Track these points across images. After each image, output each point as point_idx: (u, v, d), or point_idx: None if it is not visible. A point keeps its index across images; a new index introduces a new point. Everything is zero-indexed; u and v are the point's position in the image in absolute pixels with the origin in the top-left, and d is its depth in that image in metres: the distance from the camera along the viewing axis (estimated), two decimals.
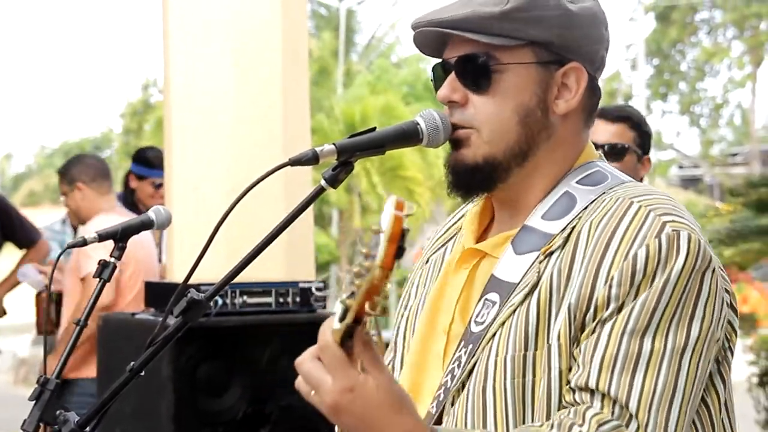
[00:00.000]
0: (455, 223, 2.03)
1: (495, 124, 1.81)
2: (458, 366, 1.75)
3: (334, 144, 1.77)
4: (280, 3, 4.66)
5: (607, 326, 1.66)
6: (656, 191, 1.79)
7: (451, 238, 2.01)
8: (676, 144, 40.15)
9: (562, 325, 1.69)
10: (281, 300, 3.93)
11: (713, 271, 1.71)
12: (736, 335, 1.80)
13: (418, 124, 1.83)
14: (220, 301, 3.81)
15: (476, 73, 1.82)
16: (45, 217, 7.58)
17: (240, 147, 4.57)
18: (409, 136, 1.82)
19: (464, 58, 1.83)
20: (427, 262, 2.02)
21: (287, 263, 4.43)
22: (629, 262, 1.67)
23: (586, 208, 1.78)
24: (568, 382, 1.68)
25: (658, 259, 1.66)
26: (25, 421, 2.60)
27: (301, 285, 3.99)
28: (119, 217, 4.98)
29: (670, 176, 39.53)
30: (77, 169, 5.62)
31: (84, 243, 2.86)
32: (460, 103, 1.84)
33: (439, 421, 1.76)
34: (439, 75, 1.88)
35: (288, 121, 4.63)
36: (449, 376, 1.77)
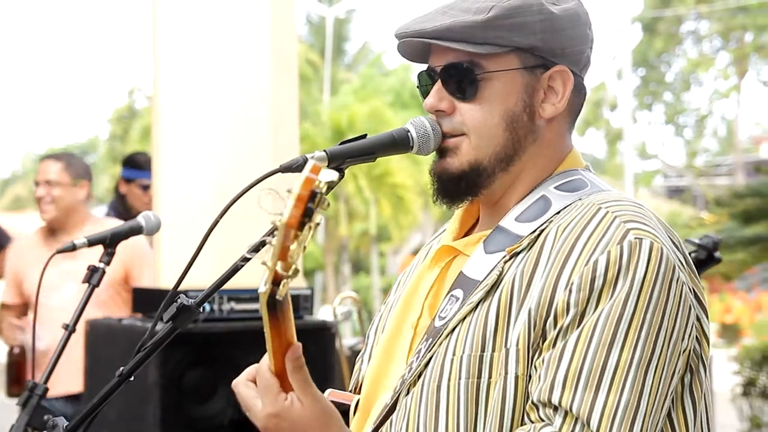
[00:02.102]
0: (445, 229, 2.03)
1: (482, 130, 1.82)
2: (417, 358, 1.76)
3: (325, 151, 1.78)
4: (269, 11, 4.67)
5: (572, 339, 1.64)
6: (628, 199, 1.78)
7: (435, 239, 2.04)
8: (660, 154, 40.30)
9: (522, 329, 1.67)
10: None
11: (677, 279, 1.67)
12: (708, 342, 1.77)
13: (408, 131, 1.83)
14: (207, 308, 3.81)
15: (462, 82, 1.82)
16: (30, 222, 7.54)
17: (228, 154, 4.57)
18: (399, 144, 1.83)
19: (449, 67, 1.83)
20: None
21: None
22: (590, 268, 1.65)
23: (558, 212, 1.77)
24: (526, 395, 1.67)
25: (619, 266, 1.64)
26: (12, 426, 2.61)
27: (289, 292, 3.98)
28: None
29: (654, 186, 39.66)
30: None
31: (73, 248, 2.87)
32: (448, 112, 1.84)
33: (392, 411, 1.77)
34: (425, 82, 1.89)
35: (277, 128, 4.64)
36: (408, 368, 1.77)
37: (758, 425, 8.76)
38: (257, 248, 1.57)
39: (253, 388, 1.72)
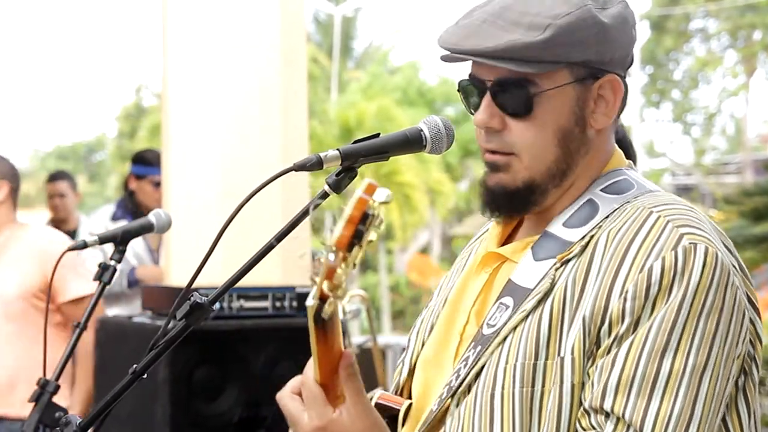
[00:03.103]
0: (487, 230, 2.00)
1: (535, 149, 1.77)
2: (464, 366, 1.74)
3: (338, 149, 1.77)
4: (278, 9, 4.68)
5: (625, 345, 1.63)
6: (679, 201, 1.76)
7: (477, 240, 2.01)
8: (669, 152, 40.21)
9: (576, 338, 1.66)
10: (278, 304, 3.93)
11: (732, 284, 1.66)
12: (761, 343, 1.75)
13: (421, 130, 1.82)
14: (217, 305, 3.81)
15: (515, 100, 1.76)
16: (38, 220, 7.56)
17: (238, 152, 4.58)
18: (412, 143, 1.82)
19: (501, 83, 1.77)
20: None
21: (283, 268, 4.45)
22: (644, 275, 1.63)
23: (607, 216, 1.75)
24: (581, 403, 1.66)
25: (674, 272, 1.62)
26: (23, 422, 2.62)
27: (297, 290, 3.99)
28: None
29: (663, 184, 39.60)
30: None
31: (84, 246, 2.87)
32: (498, 129, 1.78)
33: (441, 420, 1.75)
34: (470, 91, 1.83)
35: (286, 127, 4.64)
36: (455, 375, 1.75)
37: (767, 424, 8.74)
38: (280, 237, 1.54)
39: (298, 400, 1.68)
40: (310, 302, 1.52)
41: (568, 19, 1.73)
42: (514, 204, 1.81)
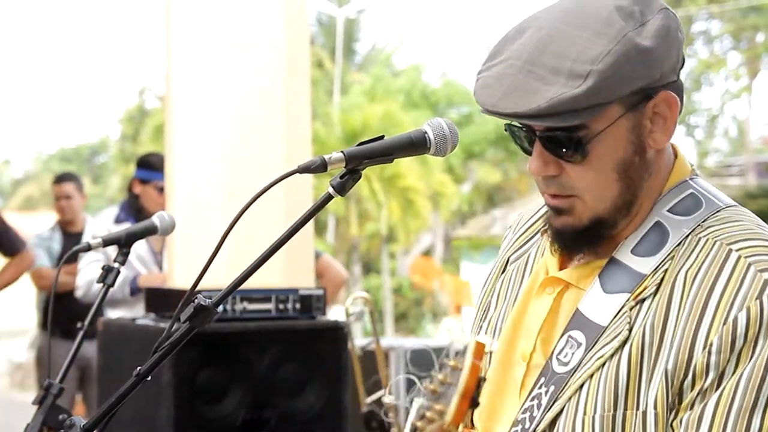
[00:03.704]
0: (537, 220, 1.95)
1: (597, 189, 1.71)
2: (537, 406, 1.71)
3: (342, 152, 1.76)
4: (282, 11, 4.68)
5: (711, 402, 1.60)
6: (756, 233, 1.69)
7: (531, 238, 1.95)
8: None
9: (659, 391, 1.63)
10: (281, 306, 3.93)
11: None
12: None
13: (425, 132, 1.81)
14: (220, 308, 3.81)
15: (567, 148, 1.69)
16: (42, 222, 7.56)
17: (241, 154, 4.58)
18: (416, 145, 1.80)
19: (551, 133, 1.69)
20: (506, 268, 1.96)
21: (287, 270, 4.45)
22: (729, 327, 1.59)
23: (679, 243, 1.69)
24: None
25: (760, 323, 1.58)
26: (28, 425, 2.62)
27: (301, 292, 3.99)
28: None
29: None
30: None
31: (88, 248, 2.88)
32: (555, 174, 1.72)
33: None
34: (519, 135, 1.76)
35: (289, 129, 4.64)
36: (527, 414, 1.72)
37: None
38: (284, 240, 1.47)
39: None
40: None
41: (609, 60, 1.63)
42: (584, 240, 1.75)
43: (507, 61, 1.69)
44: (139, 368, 1.83)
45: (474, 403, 1.39)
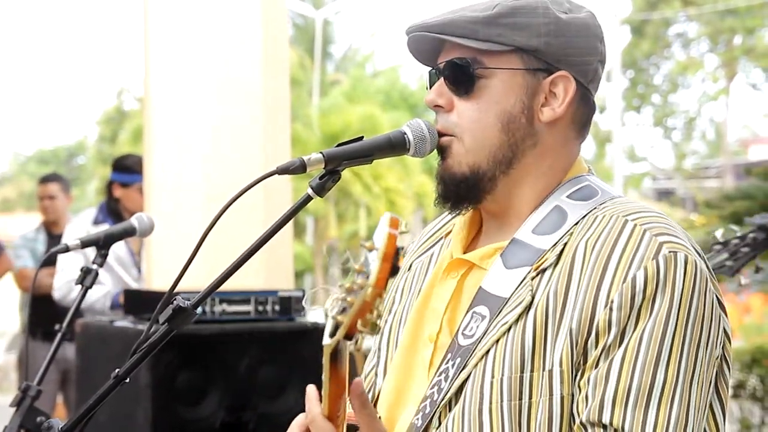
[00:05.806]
0: (440, 228, 2.02)
1: (477, 131, 1.82)
2: (445, 379, 1.75)
3: (321, 153, 1.77)
4: (260, 13, 4.68)
5: (617, 357, 1.65)
6: (648, 208, 1.78)
7: (436, 243, 2.01)
8: (649, 157, 40.40)
9: (564, 350, 1.68)
10: (260, 308, 3.92)
11: (710, 290, 1.70)
12: (730, 343, 1.79)
13: (405, 133, 1.83)
14: (199, 309, 3.80)
15: (462, 78, 1.82)
16: (19, 224, 7.54)
17: (220, 156, 4.58)
18: (396, 146, 1.83)
19: (452, 63, 1.83)
20: (410, 267, 2.02)
21: (266, 272, 4.44)
22: (628, 285, 1.66)
23: (577, 223, 1.77)
24: (572, 415, 1.67)
25: (657, 281, 1.65)
26: (5, 427, 2.60)
27: (280, 294, 3.99)
28: None
29: (643, 189, 39.72)
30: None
31: (66, 249, 2.87)
32: (446, 108, 1.84)
33: None
34: (432, 80, 1.88)
35: (268, 130, 4.64)
36: (435, 388, 1.76)
37: (748, 427, 8.78)
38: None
39: None
40: (327, 341, 1.53)
41: (517, 3, 1.80)
42: (463, 191, 1.83)
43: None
44: (117, 370, 1.83)
45: (394, 270, 1.44)
